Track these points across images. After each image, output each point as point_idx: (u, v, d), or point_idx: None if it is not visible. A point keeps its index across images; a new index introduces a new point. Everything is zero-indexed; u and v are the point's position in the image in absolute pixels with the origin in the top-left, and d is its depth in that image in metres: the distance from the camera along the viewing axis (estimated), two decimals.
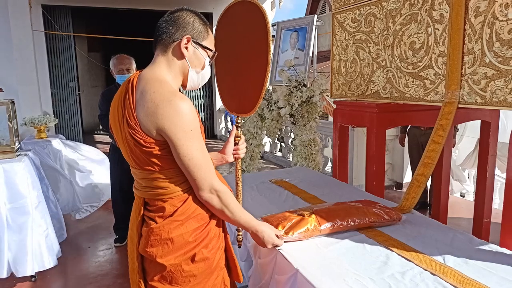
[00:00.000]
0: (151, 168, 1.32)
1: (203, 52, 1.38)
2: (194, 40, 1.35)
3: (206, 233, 1.38)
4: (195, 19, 1.36)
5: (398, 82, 2.39)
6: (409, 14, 2.27)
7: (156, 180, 1.33)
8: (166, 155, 1.29)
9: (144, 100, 1.25)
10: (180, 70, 1.36)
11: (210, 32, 1.41)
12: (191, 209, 1.35)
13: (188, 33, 1.34)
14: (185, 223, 1.34)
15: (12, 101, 3.24)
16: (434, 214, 3.10)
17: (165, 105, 1.22)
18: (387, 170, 5.53)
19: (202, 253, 1.37)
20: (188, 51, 1.34)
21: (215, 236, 1.42)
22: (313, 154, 3.41)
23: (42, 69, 7.14)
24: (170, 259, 1.34)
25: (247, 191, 2.37)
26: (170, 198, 1.35)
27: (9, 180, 2.86)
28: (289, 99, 3.34)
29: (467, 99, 1.96)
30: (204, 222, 1.38)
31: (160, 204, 1.35)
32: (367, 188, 2.60)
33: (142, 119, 1.25)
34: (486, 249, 1.56)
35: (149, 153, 1.28)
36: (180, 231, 1.34)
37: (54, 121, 4.72)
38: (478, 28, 1.88)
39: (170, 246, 1.34)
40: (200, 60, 1.38)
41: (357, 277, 1.35)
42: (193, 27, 1.35)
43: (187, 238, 1.34)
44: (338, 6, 2.88)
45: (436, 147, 2.04)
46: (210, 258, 1.39)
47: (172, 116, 1.22)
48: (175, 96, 1.24)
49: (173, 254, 1.34)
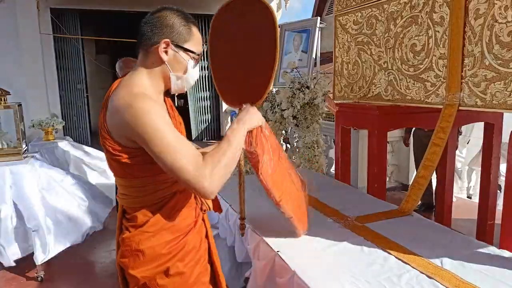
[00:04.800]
0: (124, 176, 1.27)
1: (185, 55, 1.28)
2: (174, 43, 1.25)
3: (181, 246, 1.30)
4: (176, 20, 1.26)
5: (400, 84, 2.39)
6: (410, 16, 2.27)
7: (130, 188, 1.29)
8: (136, 164, 1.22)
9: (110, 107, 1.21)
10: (161, 75, 1.28)
11: (194, 32, 1.30)
12: (164, 221, 1.28)
13: (167, 36, 1.24)
14: (157, 234, 1.27)
15: (19, 104, 3.29)
16: (438, 216, 3.09)
17: (126, 110, 1.14)
18: (393, 171, 5.51)
19: (177, 267, 1.29)
20: (168, 55, 1.25)
21: (193, 249, 1.33)
22: (316, 156, 3.41)
23: (50, 72, 7.22)
24: (141, 271, 1.27)
25: (249, 193, 2.37)
26: (142, 207, 1.28)
27: (16, 182, 2.91)
28: (292, 101, 3.35)
29: (468, 101, 1.96)
30: (180, 234, 1.30)
31: (134, 213, 1.29)
32: (369, 190, 2.60)
33: (110, 126, 1.21)
34: (484, 251, 1.55)
35: (118, 161, 1.23)
36: (151, 243, 1.26)
37: (61, 123, 4.80)
38: (478, 31, 1.88)
39: (141, 257, 1.27)
40: (182, 64, 1.29)
41: (354, 280, 1.36)
42: (173, 30, 1.25)
43: (159, 250, 1.27)
44: (340, 8, 2.89)
45: (436, 149, 2.04)
46: (186, 273, 1.31)
47: (135, 120, 1.13)
48: (135, 98, 1.16)
49: (145, 266, 1.27)
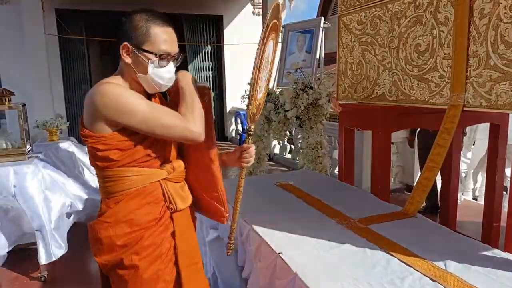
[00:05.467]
0: (93, 166, 1.40)
1: (145, 56, 1.33)
2: (133, 46, 1.32)
3: (137, 240, 1.35)
4: (136, 23, 1.32)
5: (404, 85, 2.37)
6: (414, 16, 2.25)
7: (98, 179, 1.41)
8: (98, 153, 1.33)
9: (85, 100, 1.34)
10: (131, 76, 1.38)
11: (154, 33, 1.33)
12: (122, 213, 1.35)
13: (126, 40, 1.33)
14: (115, 226, 1.35)
15: (23, 104, 3.31)
16: (443, 217, 3.06)
17: (95, 97, 1.28)
18: (398, 172, 5.47)
19: (131, 260, 1.35)
20: (131, 57, 1.35)
21: (152, 245, 1.38)
22: (320, 156, 3.40)
23: (56, 72, 7.26)
24: (101, 259, 1.37)
25: (251, 194, 2.37)
26: (105, 198, 1.39)
27: (19, 182, 2.92)
28: (296, 102, 3.34)
29: (472, 102, 1.94)
30: (138, 228, 1.36)
31: (101, 203, 1.41)
32: (372, 191, 2.58)
33: (85, 115, 1.33)
34: (489, 254, 1.53)
35: (89, 151, 1.36)
36: (109, 233, 1.35)
37: (66, 123, 4.81)
38: (483, 30, 1.85)
39: (100, 246, 1.37)
40: (143, 64, 1.34)
41: (356, 282, 1.34)
42: (131, 33, 1.32)
43: (115, 241, 1.34)
44: (344, 8, 2.87)
45: (440, 150, 2.02)
46: (140, 267, 1.35)
47: (110, 100, 1.27)
48: (100, 84, 1.31)
49: (104, 255, 1.37)
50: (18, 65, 6.05)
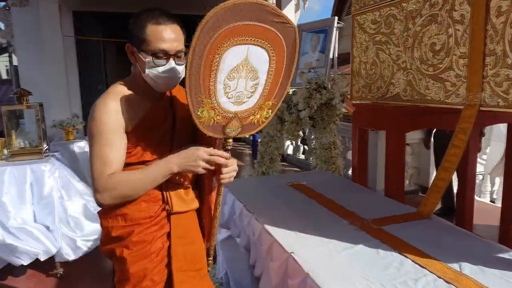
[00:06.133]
0: None
1: (144, 55, 1.35)
2: (134, 46, 1.38)
3: (127, 234, 1.40)
4: (136, 23, 1.35)
5: (419, 85, 2.34)
6: (429, 15, 2.22)
7: None
8: None
9: None
10: (141, 75, 1.41)
11: (150, 31, 1.32)
12: (119, 206, 1.38)
13: (130, 40, 1.39)
14: (113, 218, 1.41)
15: (40, 104, 3.37)
16: (459, 219, 3.01)
17: (92, 105, 1.37)
18: (413, 174, 5.41)
19: (121, 252, 1.39)
20: (135, 57, 1.40)
21: (142, 242, 1.39)
22: (333, 157, 3.37)
23: (72, 73, 7.36)
24: (104, 248, 1.46)
25: (263, 194, 2.37)
26: None
27: (36, 180, 2.98)
28: (309, 102, 3.32)
29: (489, 101, 1.90)
30: (132, 223, 1.40)
31: None
32: (386, 193, 2.55)
33: None
34: (505, 256, 1.50)
35: None
36: (108, 223, 1.42)
37: (82, 123, 4.90)
38: (500, 29, 1.81)
39: (102, 235, 1.47)
40: (143, 63, 1.36)
41: (368, 283, 1.33)
42: (132, 33, 1.36)
43: (111, 232, 1.41)
44: (358, 7, 2.84)
45: (456, 151, 1.98)
46: (127, 261, 1.38)
47: (88, 121, 1.37)
48: (105, 93, 1.39)
49: (105, 245, 1.45)
50: (36, 65, 6.15)
